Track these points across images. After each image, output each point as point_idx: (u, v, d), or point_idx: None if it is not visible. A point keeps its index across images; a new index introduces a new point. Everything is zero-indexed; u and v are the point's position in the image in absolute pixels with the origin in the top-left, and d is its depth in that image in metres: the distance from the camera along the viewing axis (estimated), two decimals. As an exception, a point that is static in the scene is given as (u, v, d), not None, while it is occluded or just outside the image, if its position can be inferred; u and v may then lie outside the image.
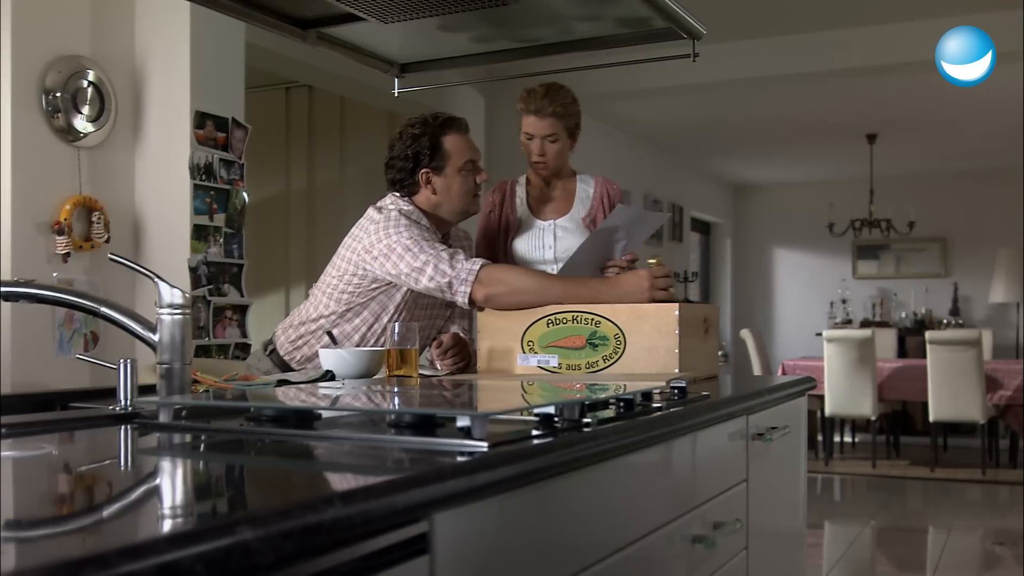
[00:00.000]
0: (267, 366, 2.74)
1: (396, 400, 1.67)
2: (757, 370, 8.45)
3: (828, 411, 7.80)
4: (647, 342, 2.40)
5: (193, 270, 3.75)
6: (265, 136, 6.20)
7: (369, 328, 2.61)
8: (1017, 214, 8.31)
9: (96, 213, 3.60)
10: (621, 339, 2.43)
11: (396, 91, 2.47)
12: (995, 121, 7.47)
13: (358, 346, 2.59)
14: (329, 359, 2.20)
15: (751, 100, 7.34)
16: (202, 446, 1.39)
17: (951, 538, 6.06)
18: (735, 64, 5.94)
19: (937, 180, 10.02)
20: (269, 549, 0.80)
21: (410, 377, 2.25)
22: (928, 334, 7.58)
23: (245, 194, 3.98)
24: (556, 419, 1.43)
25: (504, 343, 2.52)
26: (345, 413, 1.53)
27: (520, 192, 3.04)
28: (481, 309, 2.50)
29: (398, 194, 2.63)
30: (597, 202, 3.00)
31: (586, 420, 1.45)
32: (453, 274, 2.42)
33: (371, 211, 2.58)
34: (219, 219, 3.86)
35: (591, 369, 2.45)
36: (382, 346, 2.43)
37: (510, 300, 2.46)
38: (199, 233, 3.79)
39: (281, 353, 2.73)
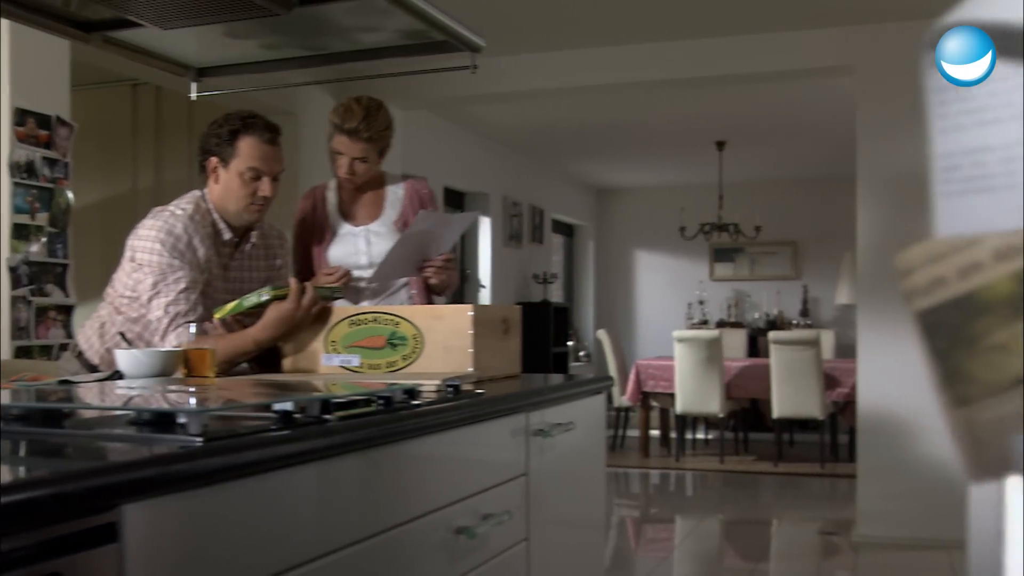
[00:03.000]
0: (75, 367, 2.74)
1: (147, 398, 1.71)
2: (613, 369, 8.66)
3: (679, 409, 8.06)
4: (443, 341, 2.49)
5: (13, 269, 3.69)
6: (110, 134, 6.11)
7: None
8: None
9: (-90, 211, 3.52)
10: (419, 339, 2.51)
11: (194, 95, 2.50)
12: (834, 131, 7.82)
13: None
14: (124, 359, 2.22)
15: (608, 105, 7.52)
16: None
17: (789, 529, 6.34)
18: (592, 70, 6.09)
19: (787, 186, 10.42)
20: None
21: (206, 377, 2.29)
22: (771, 334, 7.90)
23: (70, 193, 3.93)
24: (297, 415, 1.50)
25: (309, 343, 2.57)
26: (93, 412, 1.57)
27: (331, 197, 3.07)
28: None
29: (199, 191, 2.67)
30: (407, 204, 3.05)
31: (327, 416, 1.53)
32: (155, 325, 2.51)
33: (155, 209, 2.62)
34: (41, 218, 3.81)
35: (391, 368, 2.52)
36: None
37: None
38: (19, 232, 3.73)
39: (85, 354, 2.73)
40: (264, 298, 2.52)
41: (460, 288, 8.35)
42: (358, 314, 2.54)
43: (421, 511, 1.77)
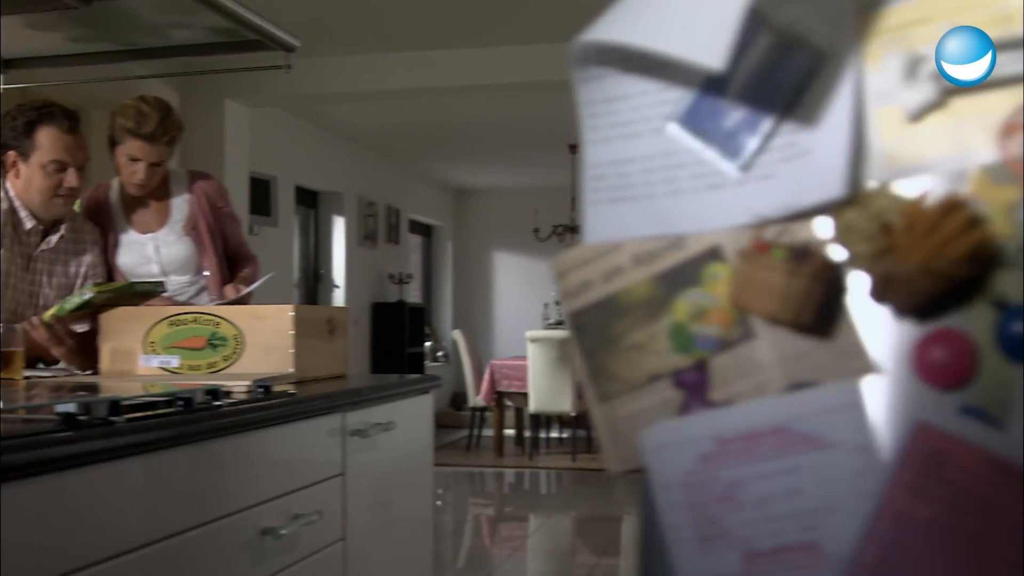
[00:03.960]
0: None
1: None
2: (468, 369, 8.71)
3: (532, 408, 8.16)
4: (265, 342, 2.47)
5: None
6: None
7: None
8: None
9: None
10: (240, 340, 2.48)
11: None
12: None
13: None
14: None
15: (463, 107, 7.56)
16: None
17: (637, 524, 6.48)
18: (443, 72, 6.11)
19: (639, 189, 10.65)
20: None
21: (12, 380, 2.23)
22: (621, 334, 8.08)
23: None
24: (82, 417, 1.47)
25: (127, 344, 2.52)
26: None
27: (114, 200, 2.95)
28: None
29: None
30: (196, 205, 2.97)
31: (113, 418, 1.50)
32: None
33: None
34: None
35: (212, 369, 2.49)
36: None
37: None
38: None
39: None
40: (87, 296, 2.46)
41: (314, 288, 8.27)
42: (178, 314, 2.50)
43: (222, 512, 1.75)
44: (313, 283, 8.28)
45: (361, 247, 8.68)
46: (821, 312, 0.62)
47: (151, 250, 2.91)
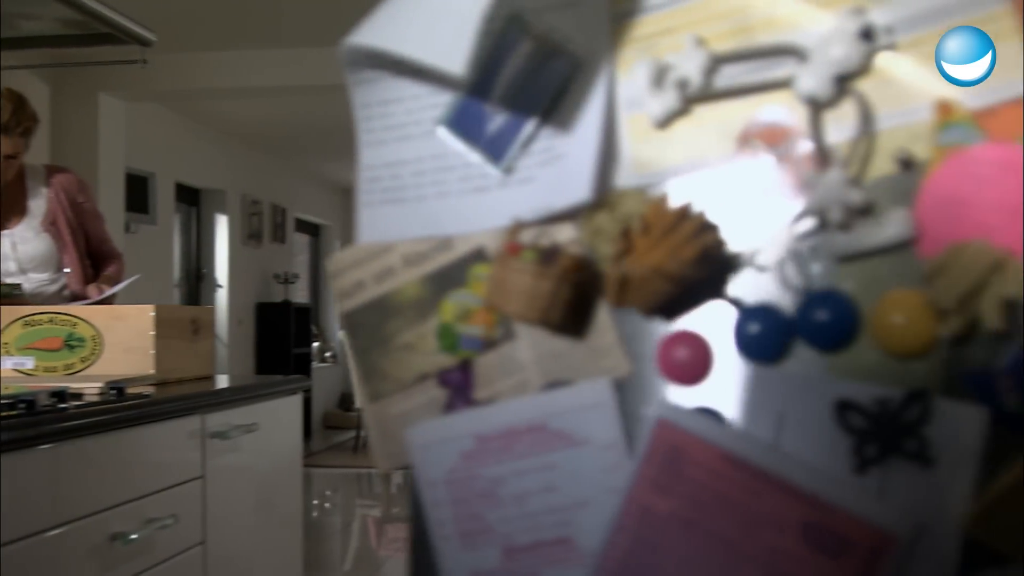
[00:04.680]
0: None
1: None
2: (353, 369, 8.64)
3: (419, 408, 8.15)
4: (125, 343, 2.42)
5: None
6: None
7: None
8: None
9: None
10: (99, 340, 2.43)
11: None
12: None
13: None
14: None
15: (349, 105, 7.49)
16: None
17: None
18: (330, 68, 6.04)
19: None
20: None
21: None
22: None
23: None
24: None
25: (-21, 346, 2.44)
26: None
27: None
28: None
29: None
30: (54, 200, 2.90)
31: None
32: None
33: None
34: None
35: (69, 371, 2.42)
36: None
37: None
38: None
39: None
40: None
41: (196, 288, 8.10)
42: (32, 314, 2.43)
43: (67, 518, 1.71)
44: (195, 283, 8.11)
45: (245, 246, 8.54)
46: (571, 312, 0.64)
47: (8, 247, 2.83)
